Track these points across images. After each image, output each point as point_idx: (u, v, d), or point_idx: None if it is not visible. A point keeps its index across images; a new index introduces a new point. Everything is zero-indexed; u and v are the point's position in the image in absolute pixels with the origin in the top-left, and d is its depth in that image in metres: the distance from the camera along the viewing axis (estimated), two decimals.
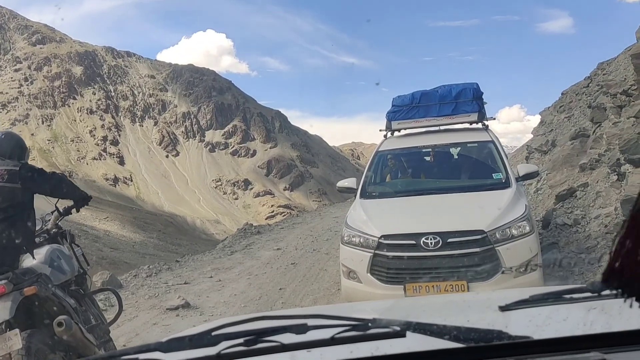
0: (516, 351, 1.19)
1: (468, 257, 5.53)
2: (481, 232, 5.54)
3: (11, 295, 3.86)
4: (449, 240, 5.56)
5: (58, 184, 4.57)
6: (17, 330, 3.75)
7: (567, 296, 1.51)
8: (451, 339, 1.23)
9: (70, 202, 4.92)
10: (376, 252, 5.75)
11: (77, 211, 4.94)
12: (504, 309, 1.53)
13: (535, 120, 23.86)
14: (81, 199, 4.78)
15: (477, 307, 1.98)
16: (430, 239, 5.55)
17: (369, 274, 5.76)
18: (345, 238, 6.12)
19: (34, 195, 4.46)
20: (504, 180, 6.62)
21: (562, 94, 22.22)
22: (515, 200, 6.11)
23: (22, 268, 4.15)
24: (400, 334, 1.25)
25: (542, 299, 1.56)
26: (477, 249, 5.50)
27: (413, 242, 5.66)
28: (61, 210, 4.92)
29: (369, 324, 1.30)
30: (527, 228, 5.67)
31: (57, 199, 4.86)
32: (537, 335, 1.25)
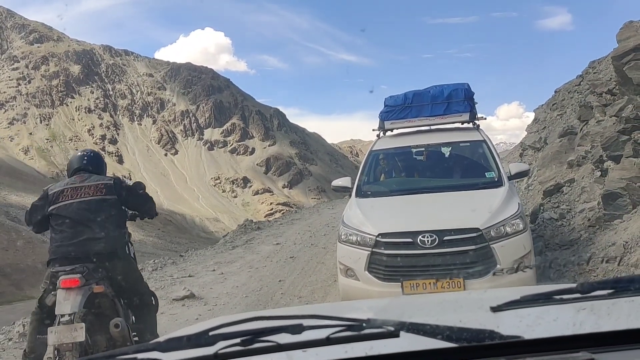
0: (507, 351, 1.21)
1: (464, 255, 5.63)
2: (476, 230, 5.65)
3: (82, 290, 4.20)
4: (445, 238, 5.64)
5: (139, 198, 4.92)
6: (83, 325, 4.05)
7: (557, 297, 1.54)
8: (444, 338, 1.24)
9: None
10: (373, 250, 5.83)
11: (141, 219, 5.24)
12: (495, 309, 1.55)
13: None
14: (149, 214, 5.11)
15: (469, 307, 2.00)
16: (427, 237, 5.63)
17: (366, 272, 5.83)
18: (342, 236, 6.20)
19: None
20: (496, 179, 6.75)
21: (555, 91, 22.42)
22: (509, 198, 6.24)
23: (92, 265, 4.38)
24: (394, 334, 1.27)
25: (533, 300, 1.58)
26: (473, 247, 5.61)
27: (410, 240, 5.74)
28: (129, 214, 5.12)
29: (364, 324, 1.33)
30: (521, 226, 5.82)
31: None
32: (527, 335, 1.26)
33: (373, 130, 8.40)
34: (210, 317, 7.14)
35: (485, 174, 7.05)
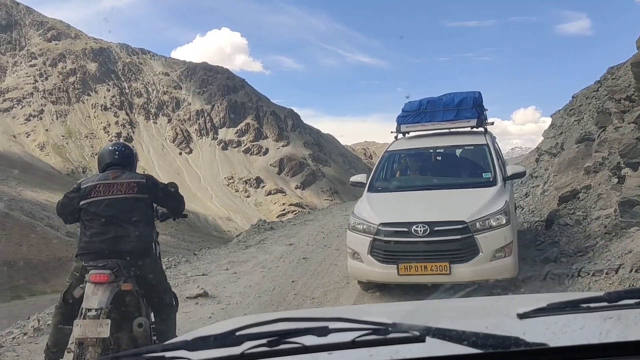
0: (533, 358, 1.22)
1: (451, 243, 6.54)
2: (463, 222, 6.56)
3: (110, 286, 4.20)
4: (436, 228, 6.57)
5: (171, 197, 4.92)
6: (109, 321, 4.06)
7: (584, 305, 1.52)
8: (469, 344, 1.24)
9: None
10: (375, 237, 6.79)
11: (174, 220, 5.25)
12: (522, 316, 1.55)
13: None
14: (180, 214, 5.14)
15: (495, 313, 1.99)
16: (420, 227, 6.59)
17: (369, 255, 6.82)
18: (351, 224, 7.19)
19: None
20: (491, 179, 7.57)
21: (572, 97, 22.25)
22: (498, 196, 7.07)
23: (122, 262, 4.37)
24: (420, 339, 1.26)
25: (560, 308, 1.57)
26: (459, 237, 6.52)
27: (405, 229, 6.68)
28: (159, 214, 5.15)
29: (389, 328, 1.33)
30: (504, 220, 6.64)
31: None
32: (553, 343, 1.25)
33: (391, 132, 9.25)
34: (223, 316, 7.17)
35: (483, 174, 7.93)
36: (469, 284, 6.58)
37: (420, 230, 6.58)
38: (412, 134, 9.15)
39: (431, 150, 8.90)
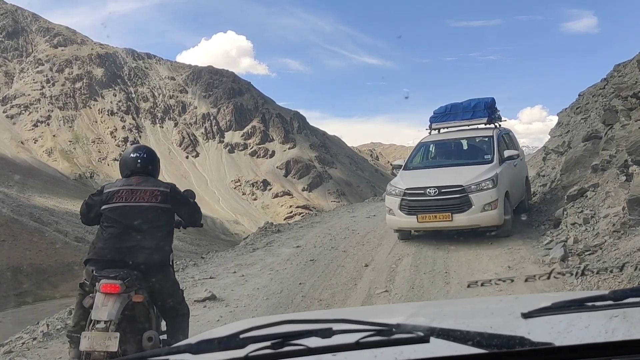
0: (538, 358, 1.21)
1: (452, 200, 9.65)
2: (461, 186, 9.68)
3: (121, 297, 4.11)
4: (443, 190, 9.74)
5: (191, 209, 4.92)
6: (117, 334, 3.98)
7: (589, 304, 1.51)
8: (474, 344, 1.23)
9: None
10: (403, 197, 10.02)
11: (184, 227, 5.18)
12: (526, 315, 1.54)
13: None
14: (196, 224, 5.11)
15: (500, 313, 2.00)
16: (432, 190, 9.78)
17: (398, 210, 10.05)
18: (388, 190, 10.59)
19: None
20: (489, 160, 10.57)
21: (579, 95, 22.17)
22: (490, 170, 10.06)
23: (134, 273, 4.28)
24: (424, 340, 1.26)
25: (565, 307, 1.55)
26: (458, 195, 9.64)
27: (422, 191, 9.88)
28: (176, 221, 5.04)
29: (393, 329, 1.32)
30: (491, 185, 9.65)
31: None
32: (558, 342, 1.24)
33: (426, 129, 12.58)
34: (231, 319, 7.17)
35: (485, 156, 10.86)
36: (465, 228, 9.82)
37: (432, 192, 9.74)
38: (442, 130, 12.38)
39: (452, 141, 12.10)
